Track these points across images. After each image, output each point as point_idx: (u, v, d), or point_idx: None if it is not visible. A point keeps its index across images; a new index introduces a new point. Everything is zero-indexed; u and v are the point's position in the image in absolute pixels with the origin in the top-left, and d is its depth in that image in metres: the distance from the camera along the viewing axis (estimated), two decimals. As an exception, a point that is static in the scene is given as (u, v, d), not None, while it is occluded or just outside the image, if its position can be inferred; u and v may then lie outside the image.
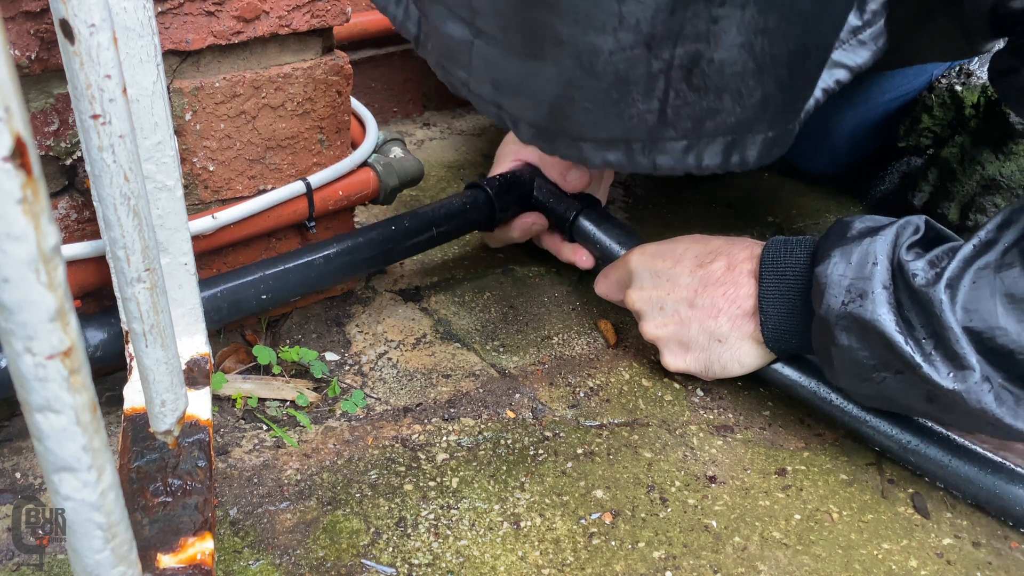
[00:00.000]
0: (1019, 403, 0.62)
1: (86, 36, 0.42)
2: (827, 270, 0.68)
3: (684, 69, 0.49)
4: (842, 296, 0.66)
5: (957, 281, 0.63)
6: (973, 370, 0.62)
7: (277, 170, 0.80)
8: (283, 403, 0.77)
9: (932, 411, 0.67)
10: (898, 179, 1.12)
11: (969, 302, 0.62)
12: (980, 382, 0.62)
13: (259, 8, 0.71)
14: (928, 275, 0.64)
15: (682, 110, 0.51)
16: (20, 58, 0.62)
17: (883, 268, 0.66)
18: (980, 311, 0.62)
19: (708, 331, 0.77)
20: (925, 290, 0.63)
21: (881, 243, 0.67)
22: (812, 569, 0.64)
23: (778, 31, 0.48)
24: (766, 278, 0.73)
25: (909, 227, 0.68)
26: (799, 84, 0.54)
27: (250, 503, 0.67)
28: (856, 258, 0.67)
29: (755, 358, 0.76)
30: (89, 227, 0.70)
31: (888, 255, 0.66)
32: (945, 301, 0.62)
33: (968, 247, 0.64)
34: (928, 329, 0.63)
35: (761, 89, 0.51)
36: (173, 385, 0.52)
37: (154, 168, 0.60)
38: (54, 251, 0.26)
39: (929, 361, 0.63)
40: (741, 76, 0.50)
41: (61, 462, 0.31)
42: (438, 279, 0.96)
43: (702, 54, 0.48)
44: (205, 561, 0.52)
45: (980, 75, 1.01)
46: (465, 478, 0.70)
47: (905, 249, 0.66)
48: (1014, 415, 0.62)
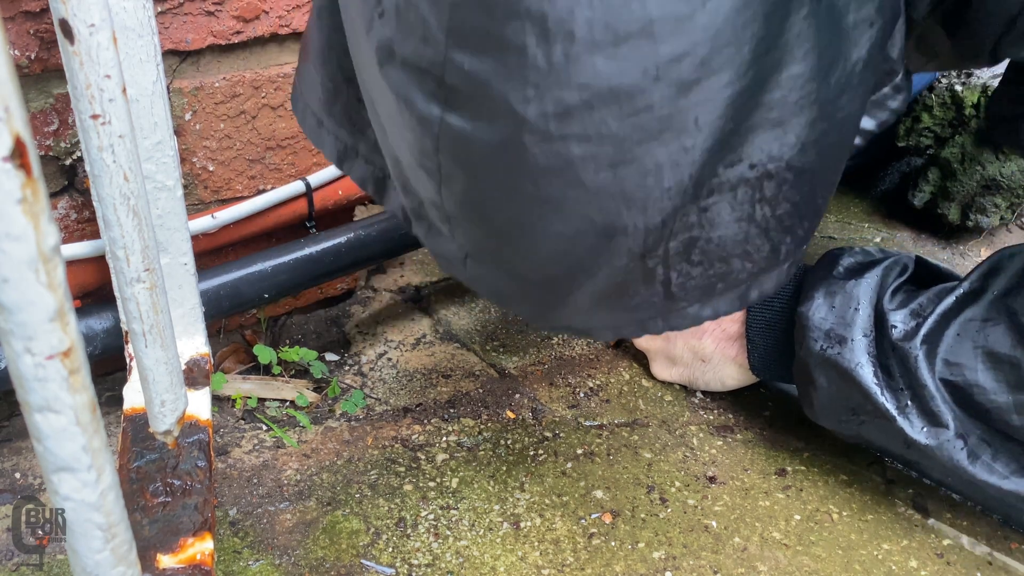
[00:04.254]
0: (996, 458, 0.61)
1: (86, 36, 0.42)
2: (808, 312, 0.66)
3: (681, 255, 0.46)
4: (822, 341, 0.65)
5: (937, 335, 0.61)
6: (947, 428, 0.61)
7: (277, 170, 0.80)
8: (283, 403, 0.77)
9: (911, 457, 0.66)
10: (898, 179, 1.12)
11: (951, 355, 0.61)
12: (953, 439, 0.61)
13: (259, 8, 0.71)
14: (907, 327, 0.62)
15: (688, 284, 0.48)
16: (20, 58, 0.62)
17: (865, 315, 0.64)
18: (961, 366, 0.60)
19: (692, 349, 0.77)
20: (902, 344, 0.62)
21: (865, 287, 0.65)
22: (812, 569, 0.63)
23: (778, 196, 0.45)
24: (753, 307, 0.72)
25: (896, 268, 0.66)
26: (811, 217, 0.50)
27: (250, 503, 0.67)
28: (839, 301, 0.65)
29: (737, 380, 0.77)
30: (89, 227, 0.70)
31: (871, 300, 0.65)
32: (921, 357, 0.61)
33: (951, 299, 0.62)
34: (906, 380, 0.62)
35: (770, 243, 0.47)
36: (173, 385, 0.52)
37: (154, 168, 0.60)
38: (54, 251, 0.26)
39: (904, 414, 0.62)
40: (745, 242, 0.46)
41: (61, 462, 0.31)
42: (438, 279, 0.96)
43: (697, 238, 0.45)
44: (205, 561, 0.52)
45: (980, 75, 1.01)
46: (465, 478, 0.70)
47: (890, 294, 0.65)
48: (988, 471, 0.61)
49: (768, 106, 0.41)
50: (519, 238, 0.45)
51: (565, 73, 0.37)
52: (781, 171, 0.44)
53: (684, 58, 0.37)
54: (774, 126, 0.42)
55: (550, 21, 0.36)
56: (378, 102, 0.46)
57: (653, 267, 0.46)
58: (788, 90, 0.41)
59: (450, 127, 0.41)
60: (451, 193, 0.45)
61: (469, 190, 0.44)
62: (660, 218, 0.43)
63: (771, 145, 0.43)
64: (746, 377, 0.76)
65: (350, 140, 0.54)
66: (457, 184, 0.44)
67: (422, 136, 0.42)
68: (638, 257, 0.45)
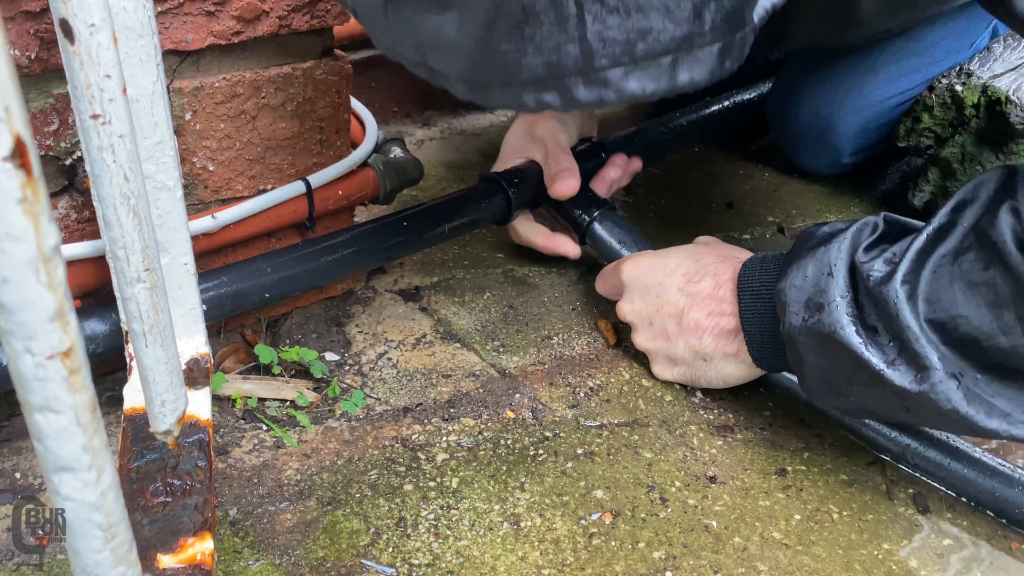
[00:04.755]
0: (994, 397, 0.59)
1: (86, 36, 0.42)
2: (785, 287, 0.65)
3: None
4: (802, 312, 0.64)
5: (915, 275, 0.60)
6: (935, 369, 0.59)
7: (277, 170, 0.80)
8: (283, 403, 0.77)
9: (913, 419, 0.65)
10: (898, 179, 1.12)
11: (931, 292, 0.59)
12: (945, 380, 0.59)
13: (259, 8, 0.71)
14: (883, 272, 0.61)
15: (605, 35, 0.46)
16: (20, 58, 0.62)
17: (840, 275, 0.63)
18: (942, 300, 0.59)
19: (693, 349, 0.77)
20: (880, 288, 0.60)
21: (836, 249, 0.64)
22: (812, 569, 0.64)
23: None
24: (744, 299, 0.72)
25: (867, 227, 0.65)
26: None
27: (250, 503, 0.67)
28: (812, 270, 0.64)
29: (738, 375, 0.77)
30: (89, 227, 0.70)
31: (846, 261, 0.63)
32: (902, 298, 0.59)
33: (922, 236, 0.61)
34: (890, 332, 0.61)
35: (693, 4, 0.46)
36: (173, 385, 0.52)
37: (154, 168, 0.60)
38: (54, 251, 0.26)
39: (892, 366, 0.60)
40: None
41: (61, 462, 0.31)
42: (438, 279, 0.96)
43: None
44: (205, 561, 0.52)
45: (980, 75, 1.01)
46: (465, 478, 0.70)
47: (863, 251, 0.63)
48: (988, 412, 0.59)
49: None
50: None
51: None
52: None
53: None
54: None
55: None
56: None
57: None
58: None
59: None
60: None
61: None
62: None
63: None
64: (748, 372, 0.76)
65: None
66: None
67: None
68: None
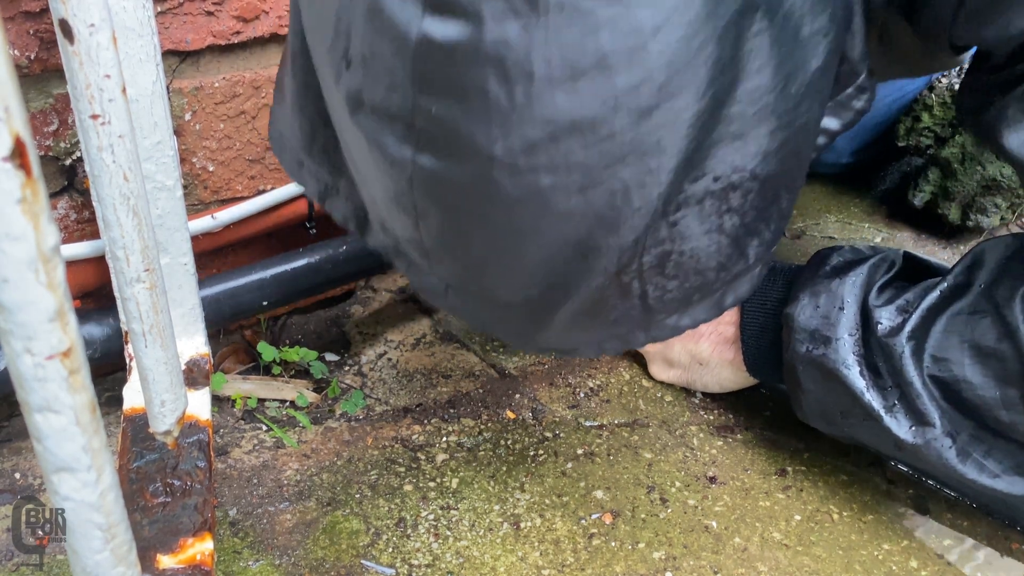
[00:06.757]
0: (988, 455, 0.60)
1: (85, 36, 0.42)
2: (795, 312, 0.65)
3: (655, 268, 0.47)
4: (807, 342, 0.65)
5: (924, 330, 0.60)
6: (934, 426, 0.60)
7: (277, 170, 0.80)
8: (283, 403, 0.77)
9: (903, 458, 0.65)
10: (898, 179, 1.12)
11: (939, 350, 0.59)
12: (941, 437, 0.60)
13: (259, 8, 0.71)
14: (893, 323, 0.61)
15: (665, 297, 0.49)
16: (20, 58, 0.62)
17: (851, 313, 0.63)
18: (948, 361, 0.59)
19: (690, 353, 0.77)
20: (888, 340, 0.61)
21: (850, 285, 0.64)
22: (812, 570, 0.63)
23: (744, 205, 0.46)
24: (747, 309, 0.72)
25: (883, 265, 0.65)
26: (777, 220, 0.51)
27: (250, 503, 0.67)
28: (823, 301, 0.64)
29: (734, 382, 0.77)
30: (89, 227, 0.70)
31: (858, 298, 0.63)
32: (907, 353, 0.60)
33: (936, 293, 0.61)
34: (893, 378, 0.61)
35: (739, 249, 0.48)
36: (173, 385, 0.52)
37: (154, 168, 0.60)
38: (53, 251, 0.26)
39: (891, 413, 0.61)
40: (716, 252, 0.47)
41: (61, 462, 0.31)
42: (438, 279, 0.96)
43: (670, 251, 0.46)
44: (205, 561, 0.52)
45: (980, 75, 1.01)
46: (465, 479, 0.70)
47: (876, 291, 0.63)
48: (979, 469, 0.60)
49: (728, 120, 0.42)
50: (496, 267, 0.46)
51: (528, 111, 0.39)
52: (745, 181, 0.45)
53: (641, 86, 0.38)
54: (735, 139, 0.43)
55: (508, 63, 0.37)
56: (352, 146, 0.47)
57: (629, 282, 0.47)
58: (746, 104, 0.42)
59: (422, 167, 0.42)
60: (428, 229, 0.46)
61: (445, 225, 0.45)
62: (632, 236, 0.44)
63: (733, 157, 0.43)
64: (744, 379, 0.76)
65: (330, 179, 0.54)
66: (433, 220, 0.45)
67: (396, 177, 0.43)
68: (613, 274, 0.46)
